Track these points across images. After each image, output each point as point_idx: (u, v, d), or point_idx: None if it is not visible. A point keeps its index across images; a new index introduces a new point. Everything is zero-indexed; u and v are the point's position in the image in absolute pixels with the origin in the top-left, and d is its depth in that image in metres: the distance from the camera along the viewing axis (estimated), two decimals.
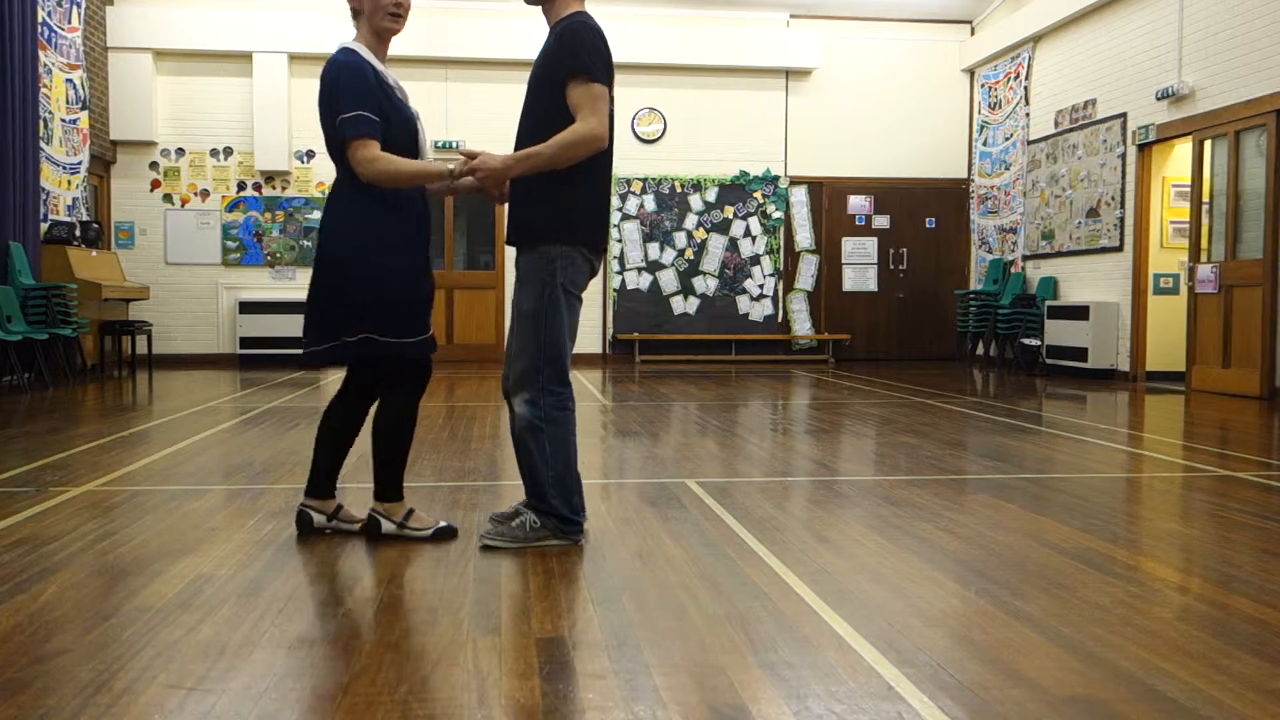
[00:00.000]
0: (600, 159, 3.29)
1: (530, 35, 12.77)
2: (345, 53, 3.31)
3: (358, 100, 3.19)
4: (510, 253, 13.07)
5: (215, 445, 5.63)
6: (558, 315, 3.29)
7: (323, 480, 3.54)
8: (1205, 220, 9.49)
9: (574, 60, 3.18)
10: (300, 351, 3.44)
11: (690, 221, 13.42)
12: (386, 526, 3.45)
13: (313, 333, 3.33)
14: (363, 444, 3.65)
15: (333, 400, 3.56)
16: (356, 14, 3.37)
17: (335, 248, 3.28)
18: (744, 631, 2.50)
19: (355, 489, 4.13)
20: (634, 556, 3.25)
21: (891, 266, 13.76)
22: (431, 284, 3.43)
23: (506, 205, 3.40)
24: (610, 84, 3.27)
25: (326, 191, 4.11)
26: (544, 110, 3.25)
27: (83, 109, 11.10)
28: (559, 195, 3.25)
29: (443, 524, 3.49)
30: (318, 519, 3.53)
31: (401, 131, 3.30)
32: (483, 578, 2.97)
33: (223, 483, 4.50)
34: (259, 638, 2.44)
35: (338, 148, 3.27)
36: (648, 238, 13.35)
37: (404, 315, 3.30)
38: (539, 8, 3.40)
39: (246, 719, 1.97)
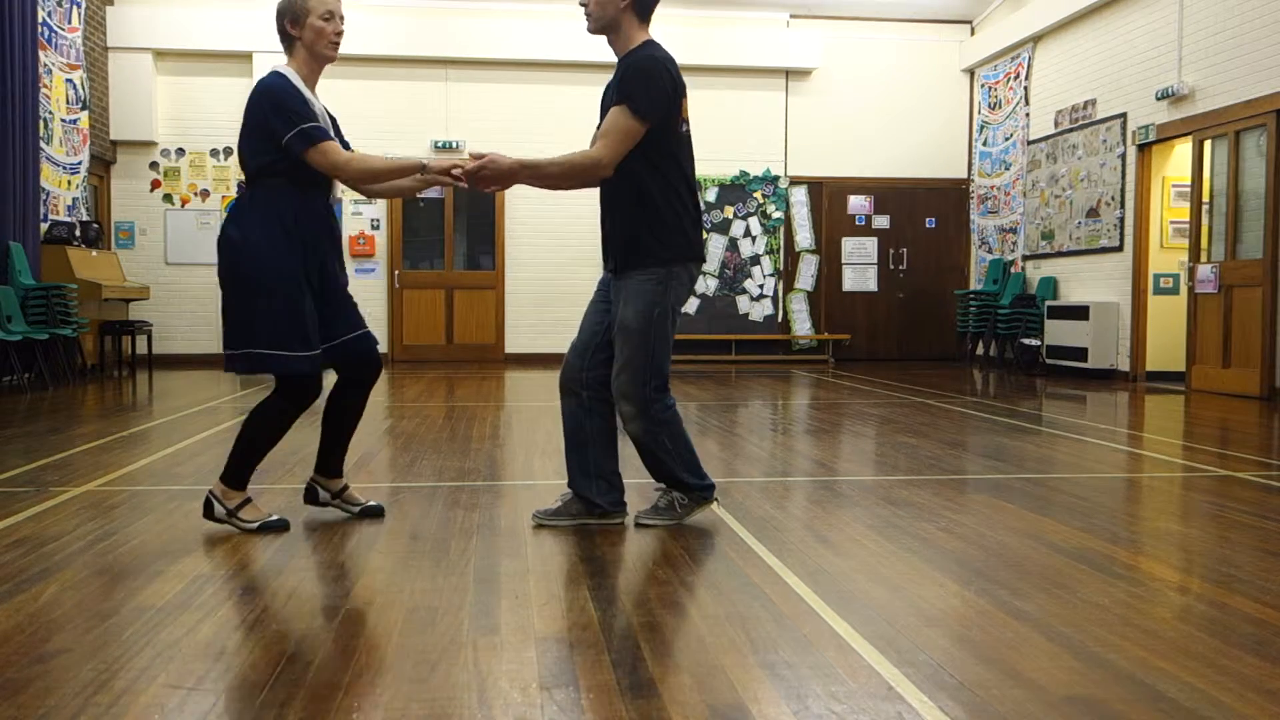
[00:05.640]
0: (681, 170, 3.48)
1: (530, 36, 12.78)
2: (276, 76, 3.45)
3: (299, 115, 3.35)
4: (511, 251, 13.08)
5: (215, 445, 5.63)
6: (664, 335, 3.54)
7: (322, 459, 3.79)
8: (1205, 220, 9.48)
9: (628, 91, 3.35)
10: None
11: None
12: (218, 510, 3.52)
13: (234, 341, 3.47)
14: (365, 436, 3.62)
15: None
16: (289, 40, 3.48)
17: (241, 263, 3.39)
18: (744, 631, 2.50)
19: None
20: (633, 556, 3.26)
21: (891, 266, 13.76)
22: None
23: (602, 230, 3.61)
24: (671, 114, 3.42)
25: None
26: None
27: (83, 109, 11.09)
28: (658, 214, 3.44)
29: (273, 517, 3.56)
30: (322, 495, 3.79)
31: None
32: (483, 578, 2.97)
33: None
34: (259, 638, 2.44)
35: (272, 164, 3.38)
36: None
37: (287, 328, 3.38)
38: (603, 37, 3.51)
39: (246, 719, 1.97)
